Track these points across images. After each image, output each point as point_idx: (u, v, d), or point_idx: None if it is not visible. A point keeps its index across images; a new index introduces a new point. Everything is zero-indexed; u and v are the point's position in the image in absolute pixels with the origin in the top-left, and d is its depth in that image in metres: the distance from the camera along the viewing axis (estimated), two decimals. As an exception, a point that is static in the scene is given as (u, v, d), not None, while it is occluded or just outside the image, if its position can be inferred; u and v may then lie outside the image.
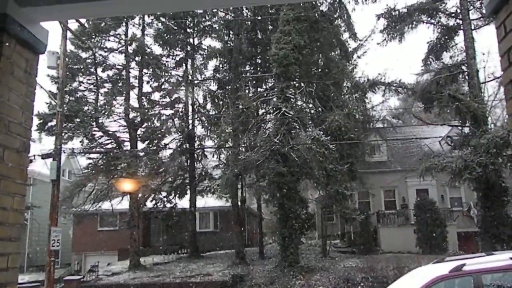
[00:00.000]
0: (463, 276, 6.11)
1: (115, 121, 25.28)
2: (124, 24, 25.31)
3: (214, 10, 25.02)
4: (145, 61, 25.08)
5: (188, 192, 26.35)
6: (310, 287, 17.47)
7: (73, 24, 19.78)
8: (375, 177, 27.22)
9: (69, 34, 16.84)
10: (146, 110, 25.49)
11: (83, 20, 19.94)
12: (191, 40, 27.31)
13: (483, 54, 42.13)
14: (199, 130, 27.25)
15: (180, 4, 2.94)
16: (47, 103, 22.62)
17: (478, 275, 5.98)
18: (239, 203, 24.99)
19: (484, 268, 6.05)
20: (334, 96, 22.14)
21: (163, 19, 26.08)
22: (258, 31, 26.16)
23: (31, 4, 2.42)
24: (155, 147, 25.57)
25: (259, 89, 25.61)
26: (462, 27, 21.68)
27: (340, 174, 19.96)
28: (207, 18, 26.76)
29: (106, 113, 24.34)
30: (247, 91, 24.50)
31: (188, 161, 26.64)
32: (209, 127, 26.07)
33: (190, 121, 26.91)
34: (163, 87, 26.39)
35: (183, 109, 26.77)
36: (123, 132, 25.31)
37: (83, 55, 24.64)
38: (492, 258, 6.32)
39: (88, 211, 25.08)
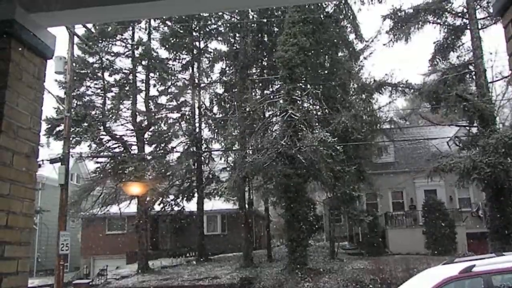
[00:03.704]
0: (473, 277, 6.07)
1: (122, 125, 25.43)
2: (130, 28, 25.45)
3: (220, 13, 25.09)
4: (152, 65, 25.19)
5: (196, 195, 26.38)
6: (318, 289, 17.42)
7: (80, 29, 19.92)
8: (383, 178, 27.07)
9: (76, 39, 16.96)
10: (153, 114, 25.60)
11: (89, 25, 20.08)
12: (197, 43, 27.41)
13: (491, 53, 41.75)
14: (206, 133, 27.34)
15: (186, 7, 2.95)
16: (55, 108, 22.77)
17: (488, 276, 5.94)
18: (246, 205, 24.97)
19: (495, 269, 6.00)
20: (340, 98, 22.09)
21: (169, 23, 26.19)
22: (264, 34, 26.18)
23: (39, 10, 2.44)
24: (162, 151, 25.66)
25: (265, 92, 25.60)
26: (469, 27, 21.55)
27: (347, 175, 19.89)
28: (213, 21, 26.85)
29: (113, 117, 24.48)
30: (253, 93, 24.50)
31: (195, 164, 26.68)
32: (216, 130, 26.11)
33: (197, 124, 26.97)
34: (169, 90, 26.50)
35: (190, 112, 26.84)
36: (131, 136, 25.44)
37: (90, 59, 24.80)
38: (502, 259, 6.27)
39: (96, 215, 25.20)
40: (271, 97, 23.53)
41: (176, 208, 26.55)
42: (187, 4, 2.69)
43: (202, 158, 26.68)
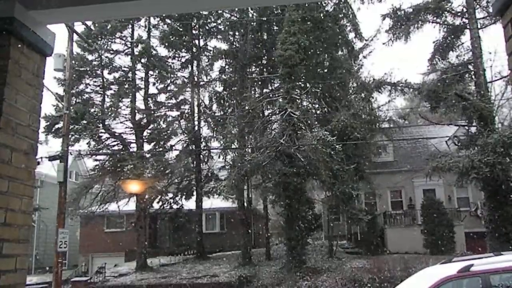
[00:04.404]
0: (471, 277, 6.08)
1: (121, 122, 25.40)
2: (130, 26, 25.41)
3: (220, 11, 25.06)
4: (151, 63, 25.15)
5: (195, 193, 26.39)
6: (317, 288, 17.44)
7: (79, 27, 19.90)
8: (382, 177, 27.10)
9: (75, 37, 16.93)
10: (152, 112, 25.58)
11: (89, 23, 20.05)
12: (196, 41, 27.39)
13: (490, 53, 41.76)
14: (205, 131, 27.35)
15: (186, 5, 2.95)
16: (54, 105, 22.78)
17: (486, 275, 5.95)
18: (245, 204, 24.99)
19: (493, 268, 6.01)
20: (340, 96, 22.09)
21: (168, 21, 26.16)
22: (263, 32, 26.17)
23: (38, 7, 2.44)
24: (161, 149, 25.64)
25: (264, 90, 25.60)
26: (468, 26, 21.55)
27: (346, 174, 19.90)
28: (212, 19, 26.83)
29: (112, 115, 24.45)
30: (252, 92, 24.51)
31: (194, 162, 26.68)
32: (215, 128, 26.09)
33: (196, 122, 26.96)
34: (169, 88, 26.47)
35: (189, 111, 26.83)
36: (130, 133, 25.41)
37: (90, 57, 24.76)
38: (500, 258, 6.28)
39: (95, 212, 25.18)
40: (271, 95, 23.53)
41: (175, 206, 26.55)
42: (185, 2, 2.69)
43: (201, 156, 26.69)
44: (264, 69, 26.28)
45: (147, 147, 25.83)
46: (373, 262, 19.07)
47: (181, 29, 26.38)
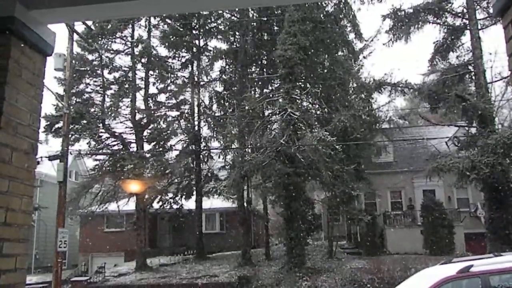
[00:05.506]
0: (471, 277, 6.09)
1: (121, 122, 25.39)
2: (130, 26, 25.41)
3: (220, 12, 25.07)
4: (151, 63, 25.16)
5: (195, 193, 26.38)
6: (316, 288, 17.44)
7: (79, 26, 19.90)
8: (382, 178, 27.11)
9: (76, 36, 16.93)
10: (152, 112, 25.57)
11: (89, 22, 20.05)
12: (197, 41, 27.37)
13: (490, 54, 41.64)
14: (205, 131, 27.33)
15: (186, 5, 2.95)
16: (54, 105, 22.75)
17: (486, 276, 5.95)
18: (245, 204, 24.98)
19: (492, 269, 6.02)
20: (340, 97, 22.10)
21: (169, 21, 26.16)
22: (263, 32, 26.17)
23: (39, 6, 2.44)
24: (161, 149, 25.63)
25: (265, 90, 25.60)
26: (468, 27, 21.58)
27: (346, 174, 19.91)
28: (213, 19, 26.82)
29: (112, 115, 24.44)
30: (253, 92, 24.51)
31: (194, 162, 26.67)
32: (215, 128, 26.10)
33: (196, 122, 26.95)
34: (169, 88, 26.47)
35: (189, 111, 26.82)
36: (130, 133, 25.40)
37: (90, 57, 24.75)
38: (500, 259, 6.28)
39: (95, 212, 25.16)
40: (271, 95, 23.53)
41: (174, 206, 26.53)
42: (185, 2, 2.69)
43: (201, 156, 26.68)
44: (264, 69, 26.28)
45: (147, 147, 25.84)
46: (373, 263, 19.09)
47: (181, 29, 26.37)
